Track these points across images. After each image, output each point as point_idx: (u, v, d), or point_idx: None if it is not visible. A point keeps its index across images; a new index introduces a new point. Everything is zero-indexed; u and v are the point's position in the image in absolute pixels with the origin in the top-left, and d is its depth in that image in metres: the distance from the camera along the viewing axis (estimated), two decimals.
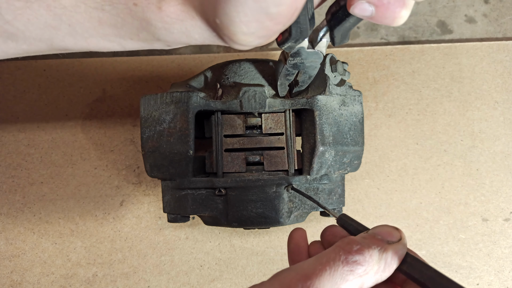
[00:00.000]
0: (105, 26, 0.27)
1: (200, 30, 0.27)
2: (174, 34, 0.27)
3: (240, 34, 0.26)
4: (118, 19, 0.26)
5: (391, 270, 0.25)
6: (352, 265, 0.24)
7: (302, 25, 0.30)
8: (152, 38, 0.28)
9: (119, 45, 0.29)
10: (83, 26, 0.27)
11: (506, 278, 0.55)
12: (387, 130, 0.57)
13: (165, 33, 0.27)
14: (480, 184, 0.56)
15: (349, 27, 0.33)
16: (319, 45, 0.37)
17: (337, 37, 0.34)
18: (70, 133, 0.56)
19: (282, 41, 0.32)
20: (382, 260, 0.25)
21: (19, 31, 0.27)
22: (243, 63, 0.45)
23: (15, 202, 0.55)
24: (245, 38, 0.26)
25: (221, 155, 0.43)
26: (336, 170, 0.44)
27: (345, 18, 0.32)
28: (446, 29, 0.61)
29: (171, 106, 0.42)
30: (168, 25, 0.26)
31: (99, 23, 0.27)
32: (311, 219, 0.55)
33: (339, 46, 0.60)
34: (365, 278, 0.24)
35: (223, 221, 0.43)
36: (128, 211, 0.55)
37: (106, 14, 0.26)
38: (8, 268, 0.54)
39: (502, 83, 0.58)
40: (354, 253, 0.25)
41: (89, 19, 0.26)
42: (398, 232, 0.27)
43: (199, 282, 0.54)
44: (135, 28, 0.27)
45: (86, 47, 0.29)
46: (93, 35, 0.28)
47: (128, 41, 0.29)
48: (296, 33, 0.31)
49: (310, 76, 0.42)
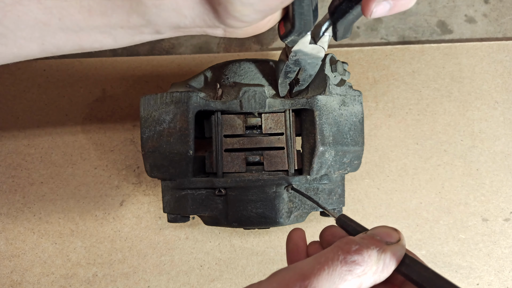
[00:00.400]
0: (95, 15, 0.27)
1: (192, 4, 0.26)
2: (164, 11, 0.27)
3: (238, 4, 0.25)
4: (108, 3, 0.26)
5: (389, 271, 0.25)
6: (351, 265, 0.24)
7: (306, 16, 0.30)
8: (143, 21, 0.27)
9: (110, 36, 0.28)
10: (74, 18, 0.26)
11: (506, 278, 0.55)
12: (387, 130, 0.57)
13: (156, 12, 0.27)
14: (480, 184, 0.56)
15: (352, 20, 0.33)
16: (321, 40, 0.37)
17: (340, 31, 0.34)
18: (70, 133, 0.56)
19: (285, 34, 0.32)
20: (380, 260, 0.25)
21: (9, 30, 0.26)
22: (243, 63, 0.46)
23: (15, 202, 0.55)
24: (242, 10, 0.25)
25: (221, 155, 0.43)
26: (336, 170, 0.44)
27: (349, 10, 0.32)
28: (446, 29, 0.61)
29: (171, 106, 0.42)
30: (158, 1, 0.26)
31: (89, 13, 0.26)
32: (311, 219, 0.55)
33: (339, 46, 0.60)
34: (364, 278, 0.24)
35: (223, 221, 0.43)
36: (128, 211, 0.55)
37: (96, 0, 0.26)
38: (8, 268, 0.54)
39: (502, 83, 0.58)
40: (352, 253, 0.25)
41: (79, 9, 0.26)
42: (397, 233, 0.27)
43: (199, 282, 0.54)
44: (125, 11, 0.26)
45: (78, 44, 0.28)
46: (84, 28, 0.27)
47: (119, 31, 0.28)
48: (299, 25, 0.31)
49: (311, 74, 0.41)
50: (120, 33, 0.28)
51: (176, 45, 0.60)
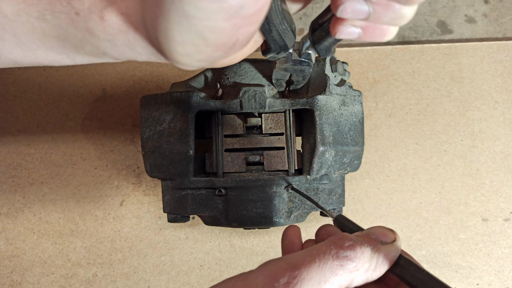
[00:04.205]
0: (50, 37, 0.26)
1: (144, 44, 0.26)
2: (118, 47, 0.26)
3: (175, 54, 0.24)
4: (61, 30, 0.25)
5: (382, 270, 0.25)
6: (343, 260, 0.24)
7: (279, 42, 0.30)
8: (98, 51, 0.27)
9: (68, 57, 0.28)
10: (29, 37, 0.26)
11: (506, 278, 0.55)
12: (387, 130, 0.57)
13: (109, 46, 0.26)
14: (480, 184, 0.56)
15: (329, 45, 0.33)
16: (306, 54, 0.37)
17: (321, 51, 0.34)
18: (70, 133, 0.56)
19: (265, 52, 0.32)
20: (373, 259, 0.25)
21: None
22: (243, 63, 0.46)
23: (15, 202, 0.55)
24: (182, 59, 0.25)
25: (221, 155, 0.43)
26: (336, 170, 0.44)
27: (325, 37, 0.32)
28: (446, 29, 0.61)
29: (171, 106, 0.42)
30: (111, 36, 0.25)
31: (43, 34, 0.26)
32: (311, 219, 0.55)
33: (339, 46, 0.60)
34: (355, 274, 0.24)
35: (223, 221, 0.43)
36: (128, 211, 0.55)
37: (48, 24, 0.25)
38: (8, 268, 0.54)
39: (502, 83, 0.58)
40: (345, 249, 0.24)
41: (32, 30, 0.25)
42: (392, 234, 0.27)
43: (199, 282, 0.54)
44: (79, 40, 0.26)
45: (36, 60, 0.28)
46: (40, 47, 0.27)
47: (76, 54, 0.27)
48: (274, 48, 0.31)
49: (304, 77, 0.42)
50: (78, 56, 0.28)
51: None
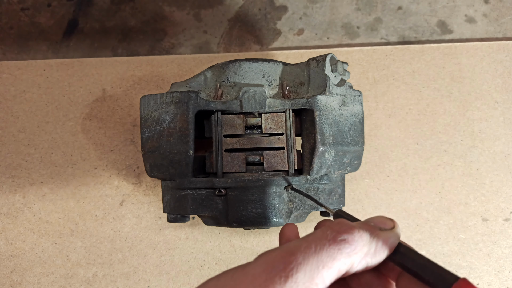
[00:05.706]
0: None
1: None
2: None
3: None
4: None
5: (382, 256, 0.25)
6: (340, 244, 0.23)
7: None
8: None
9: None
10: None
11: (506, 278, 0.55)
12: (387, 130, 0.57)
13: None
14: (480, 184, 0.56)
15: None
16: None
17: None
18: (70, 133, 0.56)
19: None
20: (373, 243, 0.25)
21: None
22: (243, 63, 0.45)
23: (15, 202, 0.55)
24: None
25: (221, 155, 0.43)
26: (336, 170, 0.44)
27: None
28: (446, 29, 0.61)
29: (171, 106, 0.42)
30: None
31: None
32: (311, 219, 0.55)
33: (339, 46, 0.60)
34: (354, 258, 0.24)
35: (223, 221, 0.43)
36: (128, 211, 0.55)
37: None
38: (8, 268, 0.54)
39: (502, 83, 0.58)
40: (343, 232, 0.24)
41: None
42: (391, 221, 0.26)
43: (199, 282, 0.54)
44: None
45: None
46: None
47: None
48: None
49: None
50: None
51: (176, 45, 0.60)
